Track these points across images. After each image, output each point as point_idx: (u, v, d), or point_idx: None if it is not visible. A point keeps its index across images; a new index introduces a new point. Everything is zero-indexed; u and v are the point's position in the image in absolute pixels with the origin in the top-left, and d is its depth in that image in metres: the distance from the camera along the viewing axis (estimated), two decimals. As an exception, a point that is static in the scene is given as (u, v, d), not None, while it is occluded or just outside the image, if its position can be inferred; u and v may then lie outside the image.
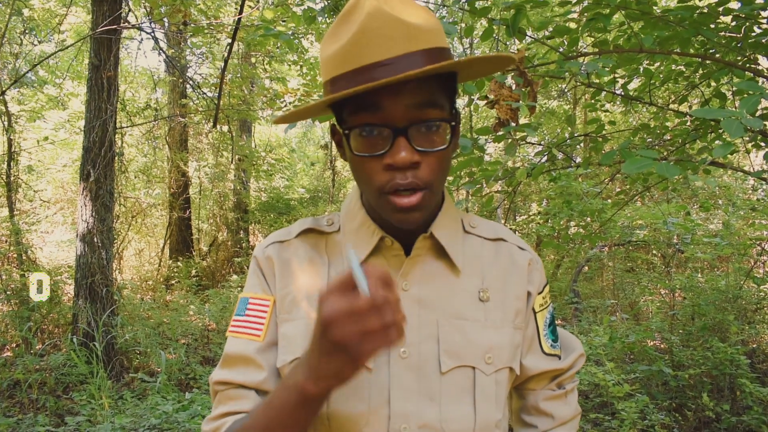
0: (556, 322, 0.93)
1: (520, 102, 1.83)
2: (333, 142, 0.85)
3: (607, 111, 3.22)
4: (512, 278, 0.86)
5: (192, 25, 5.73)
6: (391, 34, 0.69)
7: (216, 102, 5.98)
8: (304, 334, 0.78)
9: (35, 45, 7.97)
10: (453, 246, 0.83)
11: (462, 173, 2.56)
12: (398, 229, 0.81)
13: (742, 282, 4.55)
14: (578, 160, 3.04)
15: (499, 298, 0.84)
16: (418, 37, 0.70)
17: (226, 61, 5.06)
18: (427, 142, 0.72)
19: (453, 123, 0.75)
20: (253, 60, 8.84)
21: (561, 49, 2.30)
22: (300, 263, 0.84)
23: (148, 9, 5.89)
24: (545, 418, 0.92)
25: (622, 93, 2.82)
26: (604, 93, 2.75)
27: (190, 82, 7.67)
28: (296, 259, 0.85)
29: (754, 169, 4.71)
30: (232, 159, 9.56)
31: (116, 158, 5.26)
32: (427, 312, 0.80)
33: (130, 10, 6.09)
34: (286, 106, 6.95)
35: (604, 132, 2.62)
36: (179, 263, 8.71)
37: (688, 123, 2.78)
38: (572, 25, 2.35)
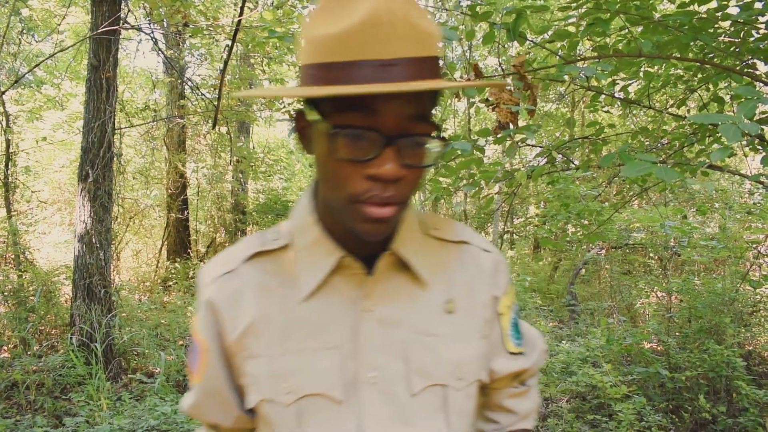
0: (519, 317, 0.91)
1: (520, 105, 1.85)
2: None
3: (608, 112, 3.26)
4: (478, 285, 0.82)
5: (191, 26, 5.72)
6: (401, 32, 0.61)
7: (215, 103, 5.99)
8: (268, 373, 0.74)
9: (32, 45, 7.95)
10: (416, 258, 0.77)
11: (461, 174, 2.57)
12: (355, 244, 0.75)
13: (738, 285, 4.57)
14: (576, 162, 3.06)
15: (466, 308, 0.80)
16: (425, 42, 0.63)
17: (225, 63, 5.07)
18: (414, 157, 0.66)
19: (443, 139, 0.69)
20: (251, 61, 8.84)
21: (560, 53, 2.32)
22: (251, 293, 0.77)
23: (148, 10, 5.89)
24: (508, 414, 0.92)
25: (622, 96, 2.84)
26: (603, 96, 2.77)
27: (189, 83, 7.67)
28: (246, 289, 0.77)
29: (750, 172, 4.73)
30: (230, 160, 9.55)
31: (115, 159, 5.25)
32: (393, 332, 0.75)
33: (129, 11, 6.09)
34: (284, 107, 6.95)
35: (603, 135, 2.63)
36: (177, 264, 8.70)
37: (686, 126, 2.80)
38: (572, 29, 2.37)
